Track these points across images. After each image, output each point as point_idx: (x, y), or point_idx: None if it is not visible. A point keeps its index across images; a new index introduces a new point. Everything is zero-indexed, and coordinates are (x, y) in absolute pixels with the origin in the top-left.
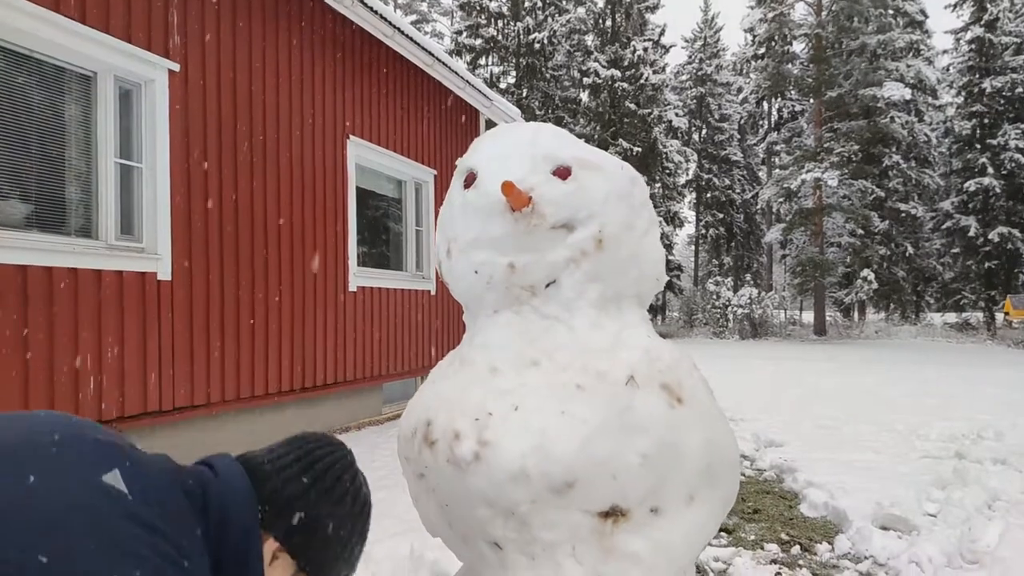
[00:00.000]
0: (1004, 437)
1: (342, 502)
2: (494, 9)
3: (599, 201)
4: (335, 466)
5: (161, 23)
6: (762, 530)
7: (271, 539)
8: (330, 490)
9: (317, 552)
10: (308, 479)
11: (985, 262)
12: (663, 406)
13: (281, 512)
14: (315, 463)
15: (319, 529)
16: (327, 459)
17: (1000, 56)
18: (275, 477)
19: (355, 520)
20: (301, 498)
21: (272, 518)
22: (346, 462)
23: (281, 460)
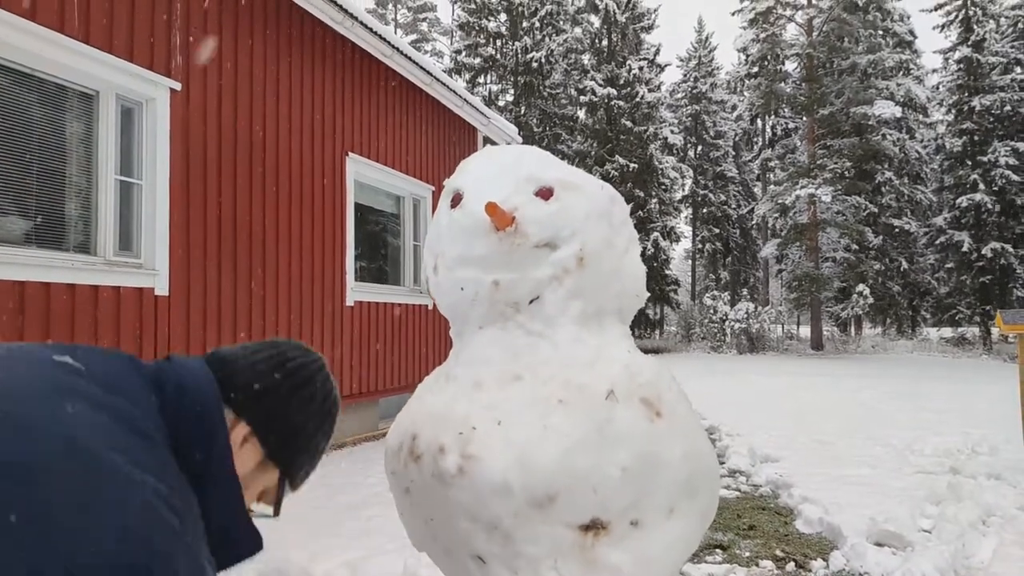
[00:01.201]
0: (999, 452)
1: (312, 399)
2: (493, 29)
3: (580, 220)
4: (307, 367)
5: (163, 43)
6: (757, 546)
7: (242, 423)
8: (301, 387)
9: (285, 442)
10: (280, 375)
11: (979, 277)
12: (643, 420)
13: (252, 401)
14: (287, 362)
15: (288, 421)
16: (299, 360)
17: (988, 75)
18: (248, 370)
19: (323, 418)
20: (272, 391)
21: (243, 405)
22: (317, 365)
23: (254, 355)
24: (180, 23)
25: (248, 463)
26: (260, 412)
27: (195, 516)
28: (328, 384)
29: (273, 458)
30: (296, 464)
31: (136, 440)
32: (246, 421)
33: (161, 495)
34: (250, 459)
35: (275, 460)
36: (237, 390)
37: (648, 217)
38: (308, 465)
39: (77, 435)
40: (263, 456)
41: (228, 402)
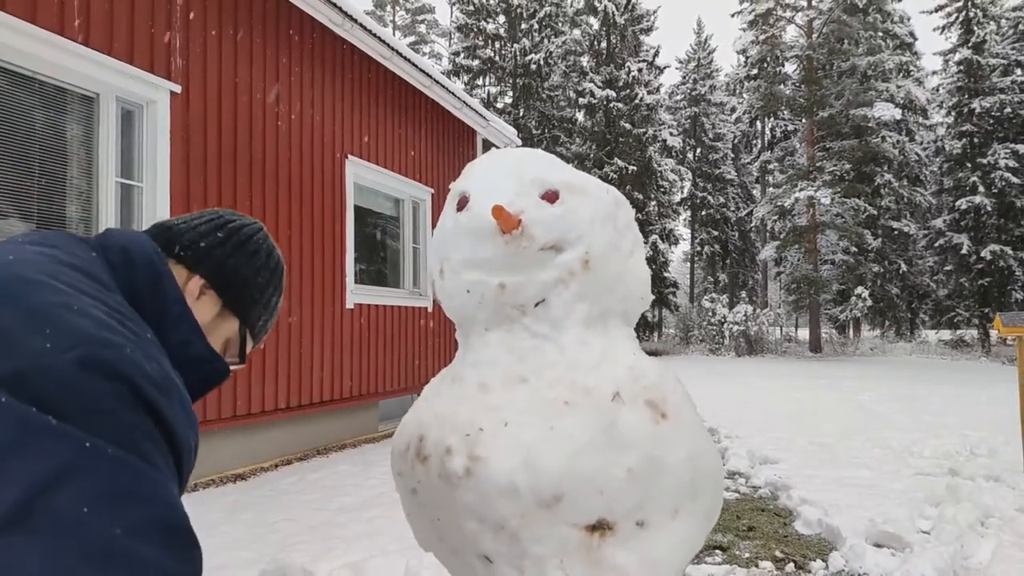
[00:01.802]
0: (997, 454)
1: (257, 254)
2: (491, 31)
3: (586, 223)
4: (247, 227)
5: (163, 46)
6: (757, 548)
7: (196, 277)
8: (244, 243)
9: (238, 292)
10: (222, 234)
11: (978, 279)
12: (648, 422)
13: (200, 255)
14: (227, 224)
15: (239, 273)
16: (238, 222)
17: (988, 77)
18: (190, 232)
19: (271, 272)
20: (218, 246)
21: (192, 260)
22: (257, 226)
23: (194, 221)
24: (180, 25)
25: (207, 313)
26: (211, 265)
27: (150, 337)
28: (269, 242)
29: (230, 308)
30: (253, 314)
31: (87, 280)
32: (200, 275)
33: (112, 307)
34: (209, 310)
35: (232, 310)
36: (184, 248)
37: (647, 219)
38: (265, 316)
39: (25, 272)
40: (221, 306)
41: (177, 259)
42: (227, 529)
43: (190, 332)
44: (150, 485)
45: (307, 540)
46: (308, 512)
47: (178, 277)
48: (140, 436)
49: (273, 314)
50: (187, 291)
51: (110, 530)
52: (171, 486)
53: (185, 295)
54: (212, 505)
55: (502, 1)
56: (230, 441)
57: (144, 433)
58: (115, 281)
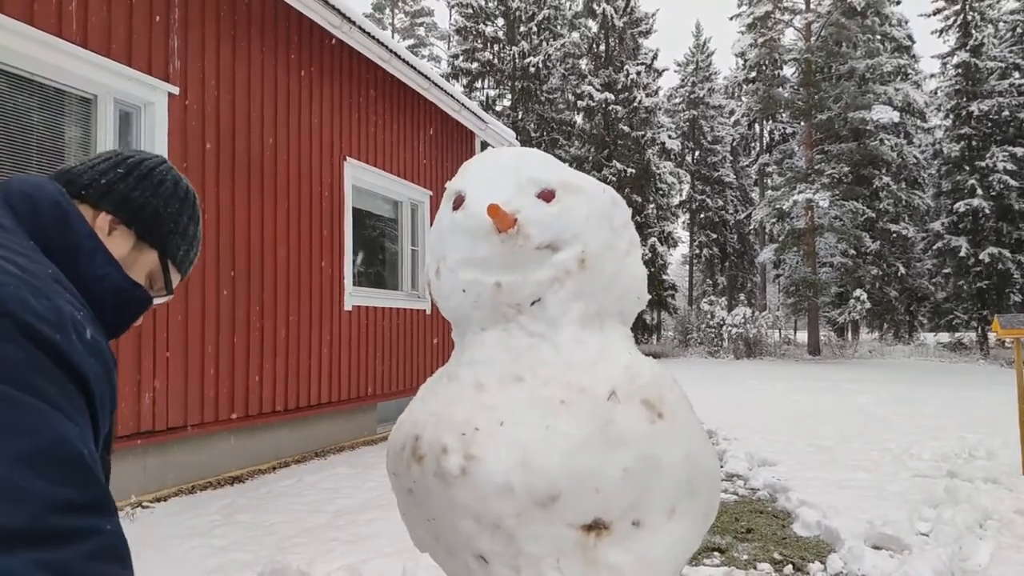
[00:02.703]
0: (996, 456)
1: (162, 184)
2: (490, 34)
3: (582, 222)
4: (147, 160)
5: (161, 47)
6: (755, 550)
7: (103, 213)
8: (147, 175)
9: (150, 223)
10: (123, 169)
11: (976, 282)
12: (644, 421)
13: (103, 192)
14: (127, 159)
15: (146, 204)
16: (138, 156)
17: (986, 80)
18: (89, 171)
19: (182, 200)
20: (120, 181)
21: (97, 198)
22: (159, 159)
23: (93, 161)
24: (178, 27)
25: (122, 248)
26: (115, 199)
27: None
28: (174, 173)
29: (145, 240)
30: (171, 244)
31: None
32: (106, 211)
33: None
34: (123, 244)
35: (148, 242)
36: (85, 187)
37: (646, 222)
38: (185, 247)
39: None
40: (135, 239)
41: (81, 199)
42: (224, 531)
43: (105, 264)
44: (35, 418)
45: (304, 542)
46: (306, 514)
47: (85, 216)
48: (27, 370)
49: (193, 244)
50: (97, 228)
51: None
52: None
53: (97, 233)
54: (209, 507)
55: (501, 4)
56: (227, 443)
57: (33, 367)
58: (20, 225)
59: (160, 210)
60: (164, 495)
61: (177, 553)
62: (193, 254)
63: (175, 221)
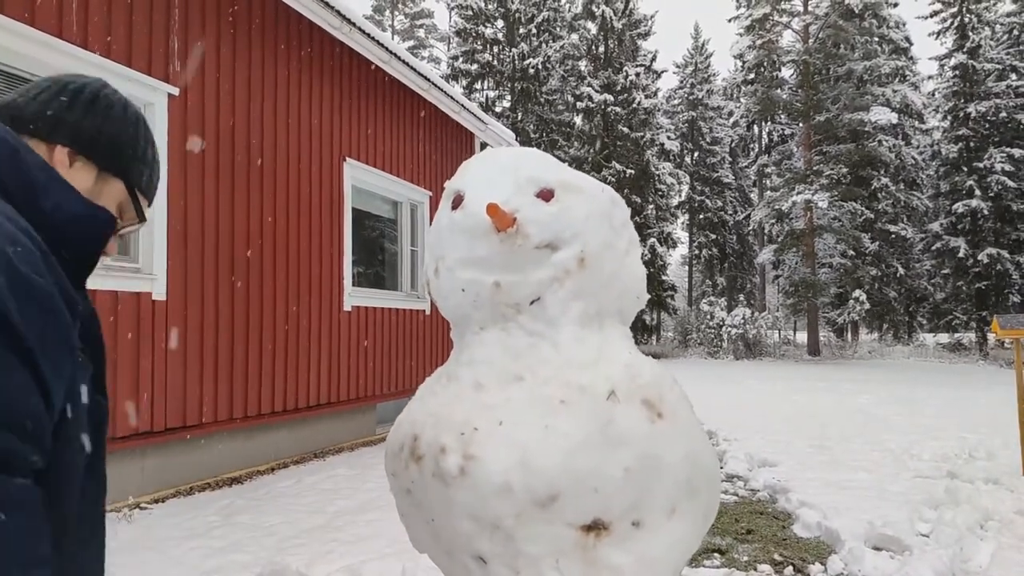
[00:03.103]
0: (996, 457)
1: (111, 107)
2: (490, 35)
3: (581, 222)
4: (89, 85)
5: (161, 48)
6: (755, 551)
7: (58, 147)
8: (93, 102)
9: (109, 151)
10: (66, 98)
11: (975, 283)
12: (644, 420)
13: (54, 126)
14: (68, 86)
15: (101, 132)
16: (78, 82)
17: (983, 82)
18: (31, 103)
19: (135, 124)
20: (67, 110)
21: (48, 132)
22: (100, 83)
23: (32, 91)
24: (178, 28)
25: (86, 180)
26: (67, 131)
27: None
28: (118, 94)
29: (108, 170)
30: (134, 171)
31: None
32: (60, 144)
33: None
34: (86, 176)
35: (111, 171)
36: (32, 121)
37: (645, 223)
38: (147, 171)
39: None
40: (97, 170)
41: (30, 134)
42: (223, 532)
43: (61, 192)
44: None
45: (304, 543)
46: (305, 515)
47: (38, 151)
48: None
49: (155, 168)
50: (56, 163)
51: None
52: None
53: (57, 167)
54: (208, 509)
55: (500, 6)
56: (226, 444)
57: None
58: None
59: (116, 138)
60: (162, 496)
61: (175, 554)
62: (156, 178)
63: (133, 147)
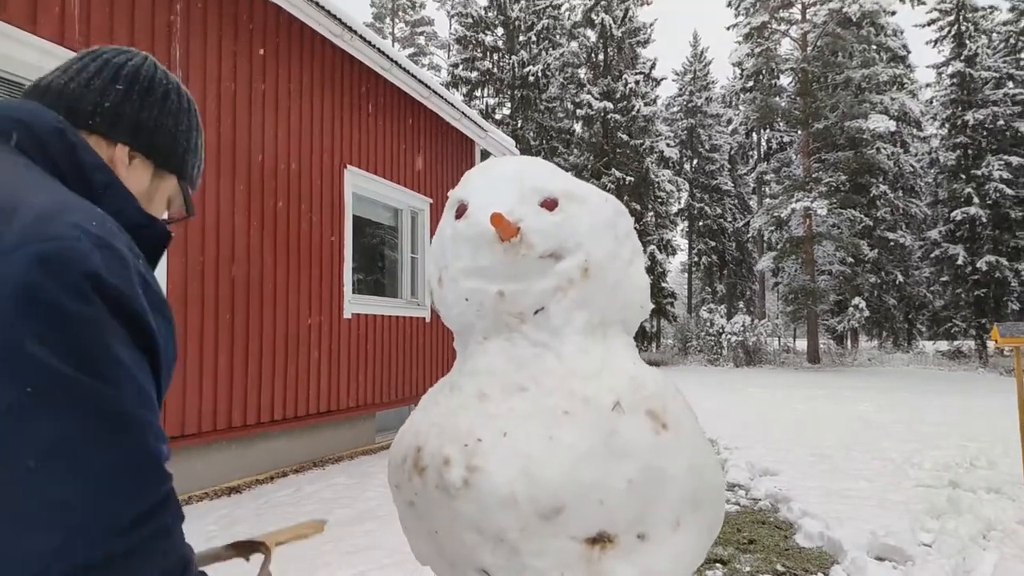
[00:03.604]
0: (997, 465)
1: (167, 97)
2: (490, 43)
3: (585, 231)
4: (142, 68)
5: (163, 55)
6: (757, 561)
7: (119, 145)
8: (149, 90)
9: (167, 148)
10: (122, 85)
11: (974, 290)
12: (649, 432)
13: (114, 121)
14: (120, 70)
15: (160, 127)
16: (131, 64)
17: (981, 90)
18: (87, 93)
19: (188, 113)
20: (125, 101)
21: (108, 128)
22: (151, 63)
23: (82, 75)
24: (179, 35)
25: (143, 179)
26: (128, 127)
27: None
28: (170, 76)
29: (165, 167)
30: (187, 164)
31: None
32: (122, 142)
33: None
34: (144, 175)
35: (167, 168)
36: (90, 115)
37: (644, 230)
38: (198, 163)
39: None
40: (154, 168)
41: (90, 130)
42: (222, 542)
43: (120, 200)
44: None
45: (301, 553)
46: None
47: (99, 150)
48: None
49: (202, 156)
50: (116, 162)
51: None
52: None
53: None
54: (207, 518)
55: (500, 14)
56: (225, 453)
57: (110, 332)
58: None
59: (173, 131)
60: None
61: None
62: (201, 165)
63: (187, 139)
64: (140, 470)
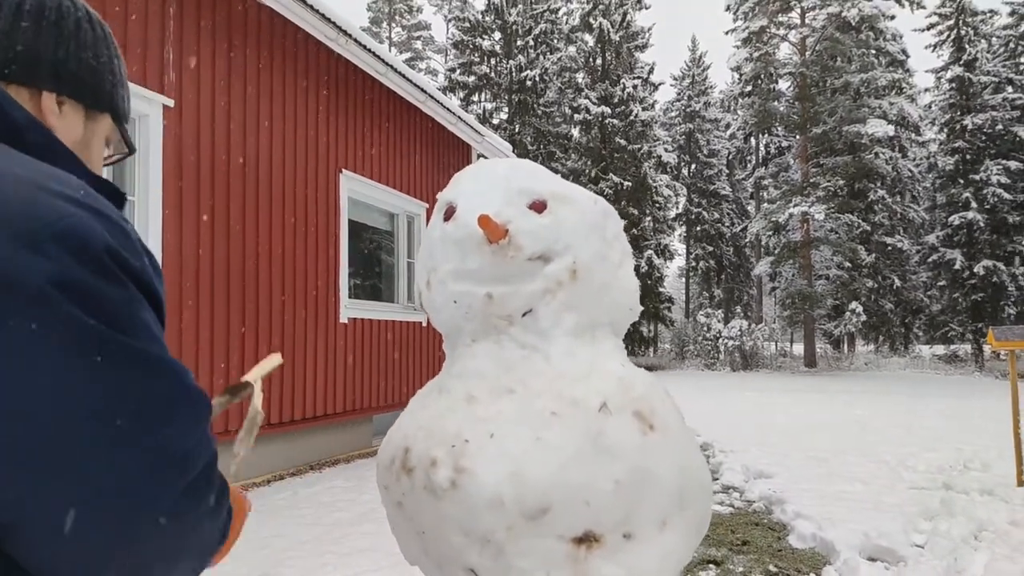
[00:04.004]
0: (991, 468)
1: (80, 29)
2: (487, 47)
3: (573, 233)
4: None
5: (156, 59)
6: (751, 562)
7: (44, 93)
8: (59, 23)
9: (93, 85)
10: (29, 22)
11: (971, 295)
12: (636, 433)
13: (31, 66)
14: (22, 5)
15: (81, 63)
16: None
17: (980, 95)
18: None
19: (105, 42)
20: (38, 40)
21: (27, 74)
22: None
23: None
24: (173, 39)
25: (77, 124)
26: (48, 71)
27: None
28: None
29: (96, 107)
30: (117, 98)
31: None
32: (47, 90)
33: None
34: (76, 120)
35: (98, 107)
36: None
37: (642, 235)
38: (123, 92)
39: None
40: (85, 110)
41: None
42: None
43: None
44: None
45: (300, 555)
46: (301, 528)
47: (20, 100)
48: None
49: (127, 83)
50: (46, 113)
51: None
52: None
53: (47, 117)
54: None
55: (498, 18)
56: (221, 457)
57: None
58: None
59: (95, 65)
60: None
61: None
62: (128, 95)
63: (111, 71)
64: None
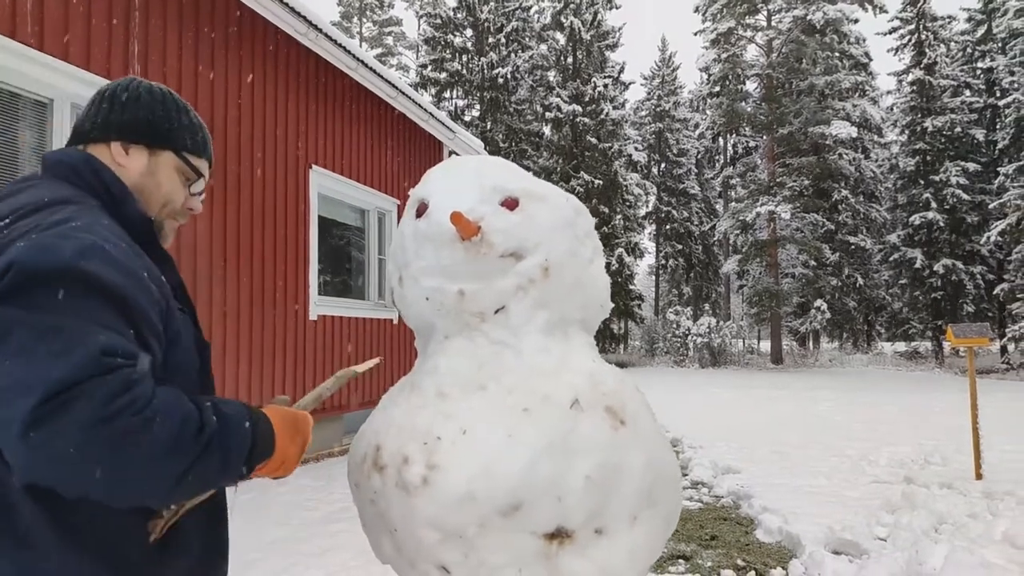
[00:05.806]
0: (950, 462)
1: (138, 98)
2: (459, 44)
3: (545, 230)
4: (119, 85)
5: (121, 51)
6: (719, 556)
7: (112, 143)
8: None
9: (150, 128)
10: (106, 104)
11: (931, 293)
12: (607, 428)
13: (104, 129)
14: (104, 93)
15: (137, 118)
16: (111, 86)
17: (940, 97)
18: (84, 119)
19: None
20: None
21: (101, 135)
22: (127, 80)
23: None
24: (139, 31)
25: (141, 161)
26: (113, 128)
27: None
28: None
29: (157, 144)
30: (176, 136)
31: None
32: (113, 140)
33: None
34: (140, 158)
35: (158, 145)
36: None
37: (613, 233)
38: (190, 133)
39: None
40: (147, 149)
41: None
42: None
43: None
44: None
45: (267, 556)
46: (269, 527)
47: (102, 157)
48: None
49: (197, 129)
50: (116, 156)
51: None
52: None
53: (117, 158)
54: None
55: (469, 15)
56: None
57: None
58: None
59: (150, 118)
60: None
61: None
62: (202, 136)
63: (168, 119)
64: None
